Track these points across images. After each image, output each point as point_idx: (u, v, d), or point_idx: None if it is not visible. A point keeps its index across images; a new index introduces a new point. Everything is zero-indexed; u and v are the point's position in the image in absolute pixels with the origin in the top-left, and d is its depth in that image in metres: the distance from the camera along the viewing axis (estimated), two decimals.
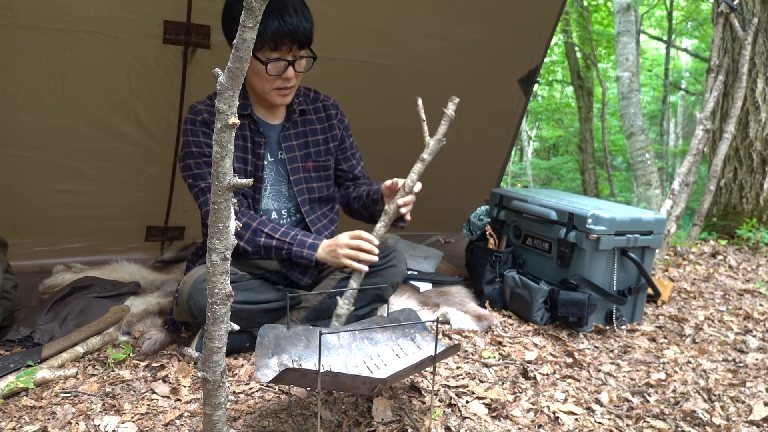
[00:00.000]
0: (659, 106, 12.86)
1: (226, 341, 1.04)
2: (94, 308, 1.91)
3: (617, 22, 7.56)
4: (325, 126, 1.90)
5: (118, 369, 1.58)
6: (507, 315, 2.19)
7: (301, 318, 1.75)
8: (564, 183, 12.93)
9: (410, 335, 1.51)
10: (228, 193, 0.93)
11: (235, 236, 1.70)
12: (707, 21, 10.41)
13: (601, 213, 2.03)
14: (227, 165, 0.91)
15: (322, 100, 1.92)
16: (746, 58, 3.59)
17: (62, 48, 2.20)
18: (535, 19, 3.02)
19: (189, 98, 2.49)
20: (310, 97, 1.90)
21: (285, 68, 1.65)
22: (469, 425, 1.36)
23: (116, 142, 2.47)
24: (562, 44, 10.46)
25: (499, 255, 2.27)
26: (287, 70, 1.65)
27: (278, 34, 1.58)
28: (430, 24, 2.76)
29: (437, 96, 2.95)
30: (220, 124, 0.89)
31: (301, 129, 1.86)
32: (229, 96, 0.87)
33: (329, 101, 1.93)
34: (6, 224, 2.34)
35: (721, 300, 2.58)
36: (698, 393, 1.62)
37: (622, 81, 7.56)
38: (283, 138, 1.82)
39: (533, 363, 1.75)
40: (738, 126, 4.01)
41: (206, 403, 1.08)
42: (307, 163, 1.86)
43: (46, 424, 1.28)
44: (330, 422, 1.33)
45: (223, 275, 0.99)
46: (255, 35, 0.84)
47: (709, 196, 3.74)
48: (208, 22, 2.36)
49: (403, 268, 1.92)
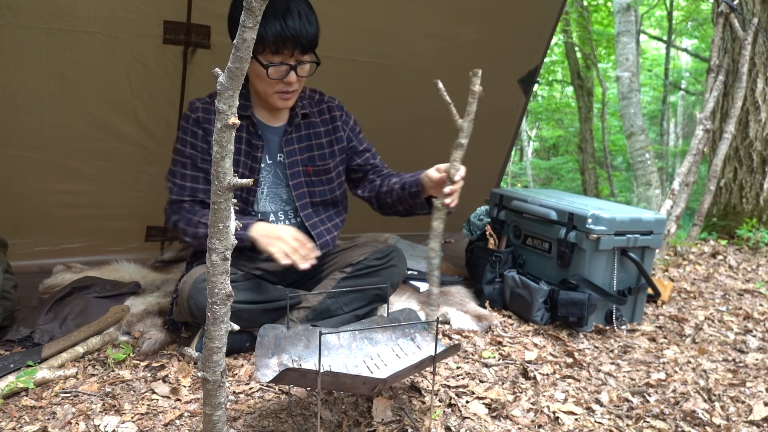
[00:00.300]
0: (659, 106, 12.86)
1: (226, 341, 1.04)
2: (94, 308, 1.91)
3: (617, 22, 7.57)
4: (329, 128, 1.88)
5: (118, 369, 1.58)
6: (507, 315, 2.19)
7: (301, 318, 1.75)
8: (564, 183, 12.93)
9: (410, 335, 1.51)
10: (228, 193, 0.93)
11: (182, 234, 1.70)
12: (707, 21, 10.41)
13: (601, 213, 2.03)
14: (227, 165, 0.91)
15: (327, 102, 1.90)
16: (746, 58, 3.59)
17: (62, 48, 2.20)
18: (535, 19, 3.02)
19: (189, 98, 2.48)
20: (315, 99, 1.88)
21: (287, 73, 1.64)
22: (469, 425, 1.36)
23: (116, 142, 2.47)
24: (562, 44, 10.46)
25: (499, 255, 2.27)
26: (289, 75, 1.64)
27: (280, 38, 1.56)
28: (430, 24, 2.76)
29: (437, 95, 2.96)
30: (220, 124, 0.89)
31: (304, 132, 1.84)
32: (229, 96, 0.87)
33: (334, 103, 1.91)
34: (6, 224, 2.34)
35: (721, 300, 2.58)
36: (698, 393, 1.62)
37: (622, 81, 7.56)
38: (286, 142, 1.81)
39: (533, 363, 1.75)
40: (738, 126, 4.02)
41: (206, 403, 1.08)
42: (307, 167, 1.84)
43: (46, 424, 1.28)
44: (330, 422, 1.33)
45: (223, 275, 0.99)
46: (255, 35, 0.84)
47: (709, 196, 3.74)
48: (208, 22, 2.36)
49: (404, 268, 1.92)
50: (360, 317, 1.80)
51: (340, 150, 1.89)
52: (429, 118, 2.61)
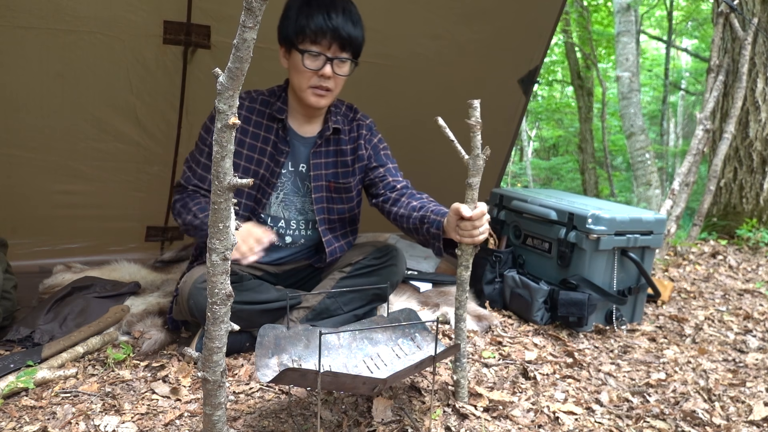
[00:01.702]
0: (659, 106, 12.86)
1: (226, 341, 1.04)
2: (94, 308, 1.91)
3: (617, 22, 7.57)
4: (354, 146, 1.87)
5: (118, 369, 1.58)
6: (507, 315, 2.19)
7: (300, 318, 1.75)
8: (564, 183, 12.93)
9: (410, 335, 1.51)
10: (228, 193, 0.93)
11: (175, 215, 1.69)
12: (707, 21, 10.41)
13: (601, 213, 2.03)
14: (227, 165, 0.91)
15: (358, 119, 1.89)
16: (746, 58, 3.59)
17: (62, 48, 2.20)
18: (535, 19, 3.01)
19: (189, 98, 2.49)
20: (349, 117, 1.88)
21: (322, 64, 1.64)
22: (469, 425, 1.36)
23: (116, 142, 2.47)
24: (562, 44, 10.46)
25: (499, 255, 2.27)
26: (324, 68, 1.64)
27: (320, 29, 1.60)
28: (430, 24, 2.76)
29: (437, 96, 2.96)
30: (220, 124, 0.89)
31: (332, 148, 1.84)
32: (229, 96, 0.87)
33: (365, 121, 1.90)
34: (6, 224, 2.35)
35: (721, 300, 2.58)
36: (698, 393, 1.62)
37: (622, 81, 7.56)
38: (313, 155, 1.80)
39: (533, 363, 1.75)
40: (738, 126, 4.02)
41: (206, 403, 1.08)
42: (330, 183, 1.84)
43: (46, 424, 1.28)
44: (330, 422, 1.33)
45: (223, 275, 0.99)
46: (255, 35, 0.83)
47: (709, 196, 3.74)
48: (208, 22, 2.36)
49: (403, 267, 1.91)
50: (359, 317, 1.80)
51: (360, 168, 1.87)
52: (429, 118, 2.60)
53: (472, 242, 1.38)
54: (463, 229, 1.39)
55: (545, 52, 3.24)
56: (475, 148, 1.33)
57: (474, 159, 1.33)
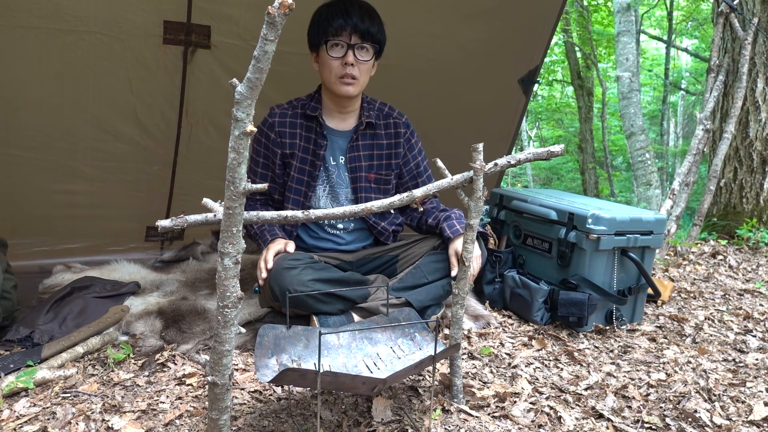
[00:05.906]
0: (659, 106, 12.86)
1: (235, 344, 1.04)
2: (94, 308, 1.91)
3: (617, 22, 7.57)
4: (392, 142, 1.99)
5: (118, 369, 1.58)
6: (507, 315, 2.19)
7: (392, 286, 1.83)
8: (564, 183, 12.94)
9: (410, 335, 1.51)
10: (242, 198, 0.95)
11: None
12: (707, 21, 10.41)
13: (601, 213, 2.03)
14: (242, 171, 0.94)
15: (394, 117, 2.01)
16: (746, 58, 3.59)
17: (62, 48, 2.20)
18: (535, 19, 3.01)
19: (189, 98, 2.49)
20: (384, 112, 2.00)
21: (345, 51, 1.78)
22: (469, 425, 1.36)
23: (116, 141, 2.47)
24: (562, 44, 10.46)
25: (499, 255, 2.27)
26: (347, 55, 1.78)
27: (340, 26, 1.77)
28: (430, 24, 2.76)
29: (437, 96, 2.96)
30: (238, 131, 0.90)
31: (369, 141, 1.96)
32: (247, 105, 0.89)
33: (402, 119, 2.02)
34: (6, 224, 2.34)
35: (721, 300, 2.58)
36: (698, 393, 1.62)
37: (622, 81, 7.56)
38: (350, 149, 1.93)
39: (533, 363, 1.75)
40: (738, 126, 4.01)
41: (212, 408, 1.08)
42: (369, 174, 1.97)
43: (46, 424, 1.28)
44: (330, 422, 1.33)
45: (234, 278, 1.01)
46: (274, 48, 0.86)
47: (709, 196, 3.73)
48: (208, 22, 2.36)
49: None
50: (444, 292, 1.87)
51: (396, 165, 2.01)
52: (429, 118, 2.60)
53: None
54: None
55: (545, 51, 3.24)
56: (477, 191, 1.31)
57: (476, 201, 1.33)
